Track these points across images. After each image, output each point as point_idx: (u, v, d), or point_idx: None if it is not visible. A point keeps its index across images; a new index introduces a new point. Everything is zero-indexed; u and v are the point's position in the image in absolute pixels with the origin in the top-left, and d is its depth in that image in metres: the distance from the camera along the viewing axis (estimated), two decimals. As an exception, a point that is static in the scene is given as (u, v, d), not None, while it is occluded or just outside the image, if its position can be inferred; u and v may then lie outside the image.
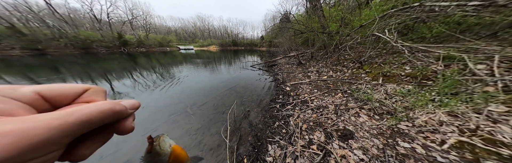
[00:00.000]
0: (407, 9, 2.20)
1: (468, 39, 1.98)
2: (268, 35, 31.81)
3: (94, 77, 4.48)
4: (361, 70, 2.86)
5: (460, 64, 1.68)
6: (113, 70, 5.66)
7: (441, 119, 1.26)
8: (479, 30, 2.04)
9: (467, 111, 1.25)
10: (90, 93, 0.16)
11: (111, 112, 0.13)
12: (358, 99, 1.92)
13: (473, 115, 1.22)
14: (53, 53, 13.75)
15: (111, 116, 0.13)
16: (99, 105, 0.13)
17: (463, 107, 1.28)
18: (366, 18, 3.90)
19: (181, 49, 29.59)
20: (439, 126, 1.23)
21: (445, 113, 1.30)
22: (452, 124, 1.21)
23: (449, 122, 1.23)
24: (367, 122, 1.48)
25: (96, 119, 0.12)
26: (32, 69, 5.62)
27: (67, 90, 0.15)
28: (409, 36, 2.82)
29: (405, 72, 2.05)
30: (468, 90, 1.40)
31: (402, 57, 2.32)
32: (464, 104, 1.31)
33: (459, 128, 1.16)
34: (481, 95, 1.30)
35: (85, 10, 26.02)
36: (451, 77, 1.51)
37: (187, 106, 2.35)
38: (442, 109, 1.31)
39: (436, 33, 2.35)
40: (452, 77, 1.51)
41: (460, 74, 1.56)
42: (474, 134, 1.08)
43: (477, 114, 1.22)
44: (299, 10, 13.74)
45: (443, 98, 1.41)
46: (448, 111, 1.30)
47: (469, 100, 1.32)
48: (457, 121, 1.22)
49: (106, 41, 20.15)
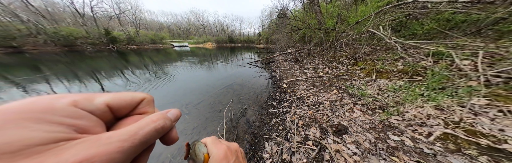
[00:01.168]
0: (402, 5, 2.21)
1: (456, 35, 2.05)
2: (265, 31, 31.26)
3: (81, 76, 4.21)
4: (356, 67, 2.92)
5: (448, 60, 1.76)
6: (102, 69, 5.35)
7: (429, 113, 1.34)
8: (466, 27, 2.12)
9: (452, 105, 1.33)
10: (144, 104, 0.17)
11: (163, 130, 0.15)
12: (352, 95, 1.98)
13: (457, 108, 1.30)
14: (32, 51, 12.67)
15: (163, 132, 0.15)
16: (154, 122, 0.14)
17: (448, 101, 1.36)
18: (362, 15, 3.92)
19: (175, 46, 28.40)
20: (426, 119, 1.31)
21: (432, 107, 1.37)
22: (439, 117, 1.29)
23: (435, 115, 1.31)
24: (360, 117, 1.54)
25: (153, 138, 0.14)
26: (8, 69, 5.18)
27: (129, 101, 0.16)
28: (402, 33, 2.88)
29: (397, 68, 2.12)
30: (454, 85, 1.48)
31: (395, 54, 2.38)
32: (449, 98, 1.39)
33: (445, 121, 1.24)
34: (465, 89, 1.38)
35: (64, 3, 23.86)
36: (440, 72, 1.58)
37: (183, 105, 2.30)
38: (430, 103, 1.39)
39: (427, 30, 2.42)
40: (440, 72, 1.58)
41: (447, 69, 1.63)
42: (458, 126, 1.15)
43: (461, 107, 1.30)
44: (296, 6, 13.48)
45: (431, 92, 1.48)
46: (435, 105, 1.37)
47: (454, 94, 1.40)
48: (443, 114, 1.30)
49: (92, 38, 18.77)
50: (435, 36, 2.36)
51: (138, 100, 0.17)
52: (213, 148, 0.24)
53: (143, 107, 0.17)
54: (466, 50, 1.73)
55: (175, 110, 0.18)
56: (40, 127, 0.10)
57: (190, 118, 1.95)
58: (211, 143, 0.24)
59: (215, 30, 52.74)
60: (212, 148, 0.24)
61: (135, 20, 30.98)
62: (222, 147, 0.24)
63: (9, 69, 5.18)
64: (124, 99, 0.16)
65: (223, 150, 0.23)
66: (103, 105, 0.14)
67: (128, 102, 0.16)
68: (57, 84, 3.57)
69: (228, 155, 0.23)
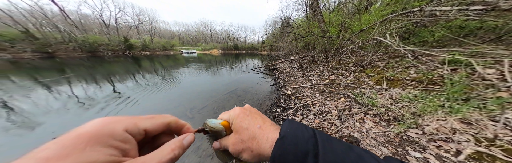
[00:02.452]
0: (407, 13, 2.21)
1: (473, 43, 1.94)
2: (269, 39, 32.43)
3: (98, 79, 4.53)
4: (364, 74, 2.81)
5: (467, 68, 1.63)
6: (117, 72, 5.74)
7: (454, 127, 1.18)
8: (483, 34, 2.02)
9: (481, 118, 1.17)
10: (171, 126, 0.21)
11: (177, 158, 0.18)
12: (362, 104, 1.85)
13: (488, 122, 1.14)
14: (62, 56, 14.29)
15: (176, 160, 0.18)
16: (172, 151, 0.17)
17: (476, 114, 1.21)
18: (366, 23, 3.96)
19: (184, 52, 30.18)
20: (452, 134, 1.15)
21: (457, 120, 1.22)
22: (466, 132, 1.13)
23: (462, 130, 1.15)
24: (373, 129, 1.40)
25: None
26: (39, 71, 5.79)
27: (161, 126, 0.20)
28: (411, 40, 2.80)
29: (410, 76, 1.99)
30: (480, 96, 1.33)
31: (405, 61, 2.28)
32: (477, 110, 1.23)
33: (475, 137, 1.07)
34: (494, 101, 1.23)
35: (95, 16, 27.43)
36: (460, 82, 1.45)
37: (187, 109, 2.30)
38: (454, 116, 1.24)
39: (438, 37, 2.33)
40: (460, 82, 1.45)
41: (469, 79, 1.50)
42: (493, 144, 0.99)
43: (493, 122, 1.13)
44: (299, 16, 14.15)
45: (453, 103, 1.33)
46: (460, 118, 1.22)
47: (482, 106, 1.24)
48: (471, 129, 1.14)
49: (113, 45, 20.87)
50: (449, 44, 2.26)
51: (167, 124, 0.21)
52: (228, 113, 0.26)
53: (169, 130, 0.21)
54: (488, 58, 1.60)
55: (191, 136, 0.21)
56: (105, 151, 0.13)
57: (193, 123, 1.91)
58: (223, 113, 0.27)
59: (222, 38, 55.79)
60: (228, 114, 0.26)
61: (151, 29, 34.27)
62: (236, 108, 0.26)
63: (40, 71, 5.80)
64: (158, 125, 0.19)
65: (237, 110, 0.26)
66: (143, 130, 0.18)
67: (160, 127, 0.20)
68: (76, 85, 3.85)
69: (243, 110, 0.26)
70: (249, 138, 0.22)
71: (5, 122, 2.05)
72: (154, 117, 0.20)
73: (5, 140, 1.69)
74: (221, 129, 0.24)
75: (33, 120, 2.05)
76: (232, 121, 0.24)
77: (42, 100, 2.82)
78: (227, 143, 0.24)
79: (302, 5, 12.78)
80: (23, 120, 2.08)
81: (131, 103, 2.65)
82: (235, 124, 0.24)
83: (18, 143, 1.63)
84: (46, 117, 2.14)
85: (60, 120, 2.06)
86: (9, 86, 3.71)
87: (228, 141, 0.24)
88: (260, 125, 0.23)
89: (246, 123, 0.23)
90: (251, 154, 0.22)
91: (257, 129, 0.22)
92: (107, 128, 0.14)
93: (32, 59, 10.82)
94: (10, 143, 1.64)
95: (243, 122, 0.23)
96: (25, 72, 5.45)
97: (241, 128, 0.23)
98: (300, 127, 0.22)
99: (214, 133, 0.25)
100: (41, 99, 2.84)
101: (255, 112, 0.27)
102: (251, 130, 0.22)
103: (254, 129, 0.22)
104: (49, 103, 2.68)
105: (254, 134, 0.22)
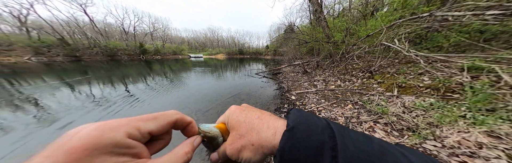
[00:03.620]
0: (416, 19, 2.16)
1: (496, 48, 1.80)
2: (273, 44, 33.02)
3: (113, 80, 4.95)
4: (372, 80, 2.69)
5: (491, 75, 1.49)
6: (131, 75, 6.18)
7: (479, 140, 1.05)
8: (509, 39, 1.86)
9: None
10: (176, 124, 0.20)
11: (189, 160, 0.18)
12: (371, 112, 1.74)
13: (522, 137, 1.00)
14: (86, 60, 16.06)
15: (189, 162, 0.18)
16: (186, 155, 0.18)
17: (506, 126, 1.07)
18: (373, 28, 3.91)
19: (192, 57, 31.57)
20: (478, 149, 1.01)
21: (483, 133, 1.08)
22: (496, 147, 0.99)
23: (490, 144, 1.01)
24: (384, 139, 1.29)
25: None
26: (66, 72, 6.61)
27: (165, 126, 0.19)
28: (423, 45, 2.68)
29: (424, 83, 1.86)
30: (509, 106, 1.19)
31: (418, 67, 2.16)
32: (506, 122, 1.10)
33: (507, 154, 0.94)
34: (526, 112, 1.09)
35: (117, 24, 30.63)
36: (483, 90, 1.33)
37: (193, 111, 2.36)
38: (478, 128, 1.11)
39: (454, 42, 2.20)
40: (483, 90, 1.32)
41: (493, 87, 1.36)
42: (531, 164, 0.85)
43: (527, 137, 0.99)
44: (303, 22, 14.41)
45: (477, 114, 1.20)
46: (487, 131, 1.09)
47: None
48: (502, 144, 1.00)
49: (129, 49, 22.82)
50: (468, 49, 2.11)
51: (173, 123, 0.19)
52: (222, 116, 0.24)
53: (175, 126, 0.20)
54: (513, 65, 1.46)
55: (199, 138, 0.21)
56: (114, 160, 0.13)
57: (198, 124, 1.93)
58: (219, 118, 0.25)
59: (227, 44, 58.10)
60: (221, 117, 0.24)
61: (163, 36, 37.09)
62: (231, 107, 0.25)
63: (67, 72, 6.58)
64: (163, 126, 0.18)
65: (232, 107, 0.24)
66: (147, 133, 0.17)
67: (165, 128, 0.18)
68: (94, 85, 4.27)
69: (238, 106, 0.24)
70: (247, 130, 0.19)
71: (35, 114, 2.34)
72: (156, 117, 0.18)
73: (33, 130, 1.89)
74: (217, 133, 0.21)
75: (55, 115, 2.29)
76: (228, 119, 0.22)
77: (65, 98, 3.15)
78: (225, 147, 0.20)
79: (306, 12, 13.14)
80: (47, 114, 2.33)
81: (141, 103, 2.81)
82: (231, 120, 0.21)
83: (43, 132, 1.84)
84: (66, 113, 2.38)
85: (78, 115, 2.29)
86: (40, 85, 4.20)
87: (226, 143, 0.21)
88: (258, 116, 0.21)
89: (243, 116, 0.21)
90: (252, 149, 0.18)
91: (256, 119, 0.20)
92: (106, 137, 0.13)
93: (62, 62, 12.34)
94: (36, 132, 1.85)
95: (240, 116, 0.21)
96: (55, 73, 6.24)
97: (238, 122, 0.20)
98: (311, 116, 0.19)
99: (210, 139, 0.22)
100: (64, 98, 3.17)
101: (252, 107, 0.25)
102: (249, 122, 0.20)
103: (251, 120, 0.20)
104: (70, 101, 2.98)
105: (253, 124, 0.20)
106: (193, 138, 0.21)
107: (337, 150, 0.15)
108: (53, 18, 21.91)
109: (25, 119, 2.19)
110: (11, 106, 2.68)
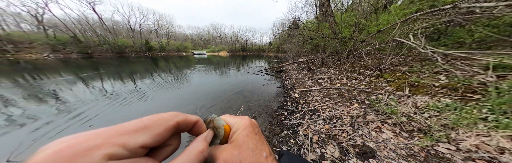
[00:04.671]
0: (437, 12, 1.96)
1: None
2: (276, 41, 32.24)
3: (122, 76, 5.20)
4: (381, 79, 2.56)
5: (519, 75, 1.34)
6: (138, 71, 6.44)
7: (501, 145, 0.96)
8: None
9: (541, 137, 0.93)
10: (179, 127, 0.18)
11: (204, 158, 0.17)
12: (379, 111, 1.66)
13: (553, 143, 0.90)
14: (97, 57, 16.89)
15: None
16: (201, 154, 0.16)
17: (534, 131, 0.97)
18: (385, 23, 3.65)
19: (195, 54, 31.82)
20: (499, 154, 0.93)
21: (506, 137, 0.99)
22: (520, 153, 0.91)
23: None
24: (392, 140, 1.23)
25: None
26: (80, 68, 7.16)
27: (161, 135, 0.16)
28: (442, 41, 2.46)
29: (440, 82, 1.73)
30: (538, 108, 1.07)
31: (434, 65, 2.00)
32: (534, 126, 0.99)
33: (533, 161, 0.85)
34: (560, 116, 0.97)
35: (124, 22, 31.25)
36: (510, 91, 1.20)
37: (197, 107, 2.42)
38: (501, 132, 1.01)
39: (479, 38, 1.99)
40: (511, 91, 1.20)
41: (521, 87, 1.23)
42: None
43: (559, 143, 0.89)
44: (308, 17, 13.73)
45: (500, 117, 1.10)
46: (511, 135, 0.99)
47: (542, 122, 1.00)
48: (527, 150, 0.91)
49: (136, 47, 23.41)
50: (495, 45, 1.90)
51: (173, 128, 0.16)
52: (234, 119, 0.23)
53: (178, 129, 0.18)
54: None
55: (211, 134, 0.20)
56: None
57: None
58: (228, 116, 0.24)
59: (230, 40, 57.53)
60: (233, 119, 0.23)
61: (168, 33, 37.40)
62: (245, 117, 0.23)
63: (81, 68, 7.10)
64: (160, 134, 0.15)
65: (246, 120, 0.23)
66: (138, 148, 0.13)
67: (163, 136, 0.15)
68: (105, 80, 4.54)
69: (252, 124, 0.23)
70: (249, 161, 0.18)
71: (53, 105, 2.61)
72: (148, 126, 0.14)
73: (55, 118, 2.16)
74: (221, 134, 0.21)
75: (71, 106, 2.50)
76: (235, 131, 0.21)
77: (80, 91, 3.43)
78: (219, 156, 0.19)
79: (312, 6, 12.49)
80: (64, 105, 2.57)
81: (149, 98, 2.93)
82: (240, 136, 0.20)
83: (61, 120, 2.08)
84: (80, 104, 2.61)
85: (90, 106, 2.49)
86: (58, 79, 4.58)
87: (221, 153, 0.19)
88: (266, 155, 0.20)
89: (254, 143, 0.20)
90: None
91: (263, 158, 0.19)
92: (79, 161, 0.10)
93: (77, 59, 13.19)
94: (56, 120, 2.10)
95: (251, 140, 0.20)
96: (70, 69, 6.78)
97: (246, 146, 0.19)
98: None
99: (213, 136, 0.21)
100: (79, 91, 3.45)
101: (261, 133, 0.24)
102: (256, 157, 0.19)
103: (259, 157, 0.19)
104: (82, 93, 3.22)
105: (256, 159, 0.19)
106: (205, 133, 0.19)
107: None
108: (66, 17, 22.80)
109: (46, 109, 2.42)
110: (35, 98, 2.94)
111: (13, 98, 2.96)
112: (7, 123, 2.03)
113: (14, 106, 2.56)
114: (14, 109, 2.43)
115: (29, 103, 2.70)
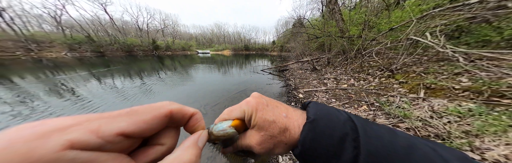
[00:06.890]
0: (459, 7, 1.78)
1: None
2: (280, 40, 31.75)
3: (131, 73, 5.57)
4: (392, 80, 2.40)
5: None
6: (146, 69, 6.84)
7: (538, 158, 0.84)
8: None
9: None
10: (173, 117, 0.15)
11: None
12: (390, 114, 1.54)
13: None
14: (109, 55, 18.17)
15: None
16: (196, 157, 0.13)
17: None
18: (398, 20, 3.42)
19: (199, 53, 32.54)
20: (534, 168, 0.81)
21: (544, 149, 0.87)
22: (562, 168, 0.78)
23: (554, 163, 0.80)
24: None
25: None
26: (94, 66, 7.82)
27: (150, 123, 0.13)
28: (463, 39, 2.25)
29: (461, 85, 1.57)
30: None
31: (454, 66, 1.83)
32: None
33: None
34: None
35: (132, 22, 32.80)
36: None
37: (202, 105, 2.47)
38: (537, 142, 0.89)
39: (509, 36, 1.78)
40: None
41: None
42: None
43: None
44: (313, 15, 13.34)
45: (536, 124, 0.97)
46: (550, 146, 0.86)
47: None
48: None
49: (144, 46, 24.38)
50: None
51: (164, 117, 0.14)
52: (234, 110, 0.21)
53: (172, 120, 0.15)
54: None
55: (204, 136, 0.17)
56: None
57: (207, 118, 1.99)
58: (230, 109, 0.22)
59: (233, 39, 57.55)
60: (234, 111, 0.21)
61: (173, 32, 38.37)
62: (246, 101, 0.21)
63: (94, 66, 7.75)
64: (146, 121, 0.12)
65: (251, 102, 0.20)
66: (114, 136, 0.11)
67: (151, 125, 0.13)
68: (115, 76, 4.90)
69: (258, 100, 0.21)
70: (280, 132, 0.18)
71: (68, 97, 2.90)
72: (135, 110, 0.12)
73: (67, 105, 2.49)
74: (233, 134, 0.19)
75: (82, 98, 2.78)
76: (250, 116, 0.20)
77: (94, 85, 3.72)
78: (250, 143, 0.19)
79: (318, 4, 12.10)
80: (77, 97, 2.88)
81: (155, 94, 3.04)
82: (257, 118, 0.19)
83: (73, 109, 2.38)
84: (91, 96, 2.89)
85: (101, 99, 2.73)
86: (73, 75, 5.04)
87: (251, 140, 0.19)
88: (285, 114, 0.20)
89: (270, 114, 0.19)
90: (285, 147, 0.19)
91: (285, 119, 0.19)
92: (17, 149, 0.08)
93: (90, 57, 14.40)
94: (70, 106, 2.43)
95: (267, 114, 0.19)
96: (84, 66, 7.50)
97: (267, 121, 0.19)
98: (332, 109, 0.19)
99: (225, 141, 0.20)
100: (92, 86, 3.70)
101: (270, 99, 0.23)
102: (280, 122, 0.19)
103: (281, 120, 0.19)
104: (95, 87, 3.52)
105: (284, 125, 0.19)
106: (196, 135, 0.16)
107: (359, 141, 0.15)
108: (80, 18, 24.38)
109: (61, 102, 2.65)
110: (55, 92, 3.21)
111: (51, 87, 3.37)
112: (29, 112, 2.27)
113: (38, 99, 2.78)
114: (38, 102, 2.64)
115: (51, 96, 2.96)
